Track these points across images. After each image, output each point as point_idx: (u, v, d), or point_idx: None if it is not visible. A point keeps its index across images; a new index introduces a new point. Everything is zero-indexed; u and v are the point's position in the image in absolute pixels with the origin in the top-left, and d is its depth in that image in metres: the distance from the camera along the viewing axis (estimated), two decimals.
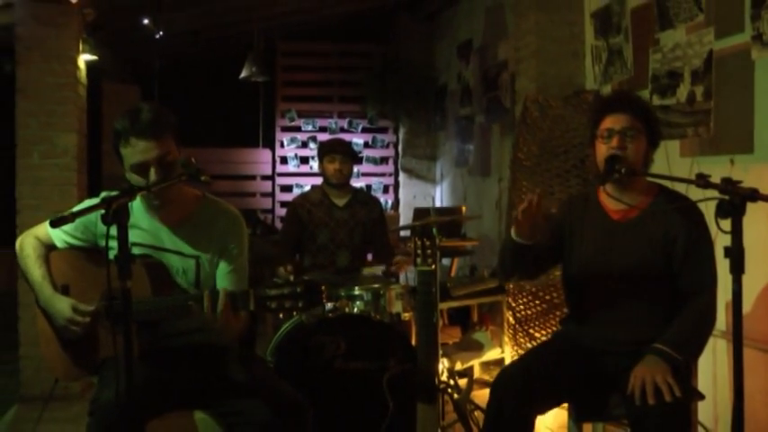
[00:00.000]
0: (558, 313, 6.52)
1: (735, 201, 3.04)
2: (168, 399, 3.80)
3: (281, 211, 12.52)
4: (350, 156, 6.66)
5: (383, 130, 13.17)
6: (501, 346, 7.42)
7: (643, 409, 3.52)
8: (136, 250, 3.80)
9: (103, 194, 3.57)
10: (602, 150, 3.94)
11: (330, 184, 6.63)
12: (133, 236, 3.77)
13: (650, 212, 3.95)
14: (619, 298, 3.98)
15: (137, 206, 3.89)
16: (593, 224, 4.11)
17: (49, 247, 3.98)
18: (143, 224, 3.90)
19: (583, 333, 4.10)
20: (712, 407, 5.48)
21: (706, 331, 3.87)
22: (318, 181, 6.85)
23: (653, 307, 3.94)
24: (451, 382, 5.29)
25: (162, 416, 3.78)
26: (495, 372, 6.26)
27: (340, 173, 6.55)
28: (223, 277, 3.95)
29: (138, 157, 3.67)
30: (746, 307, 5.05)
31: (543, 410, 3.96)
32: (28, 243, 3.97)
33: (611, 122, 3.94)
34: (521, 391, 3.77)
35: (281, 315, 4.92)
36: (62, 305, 3.75)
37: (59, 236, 3.94)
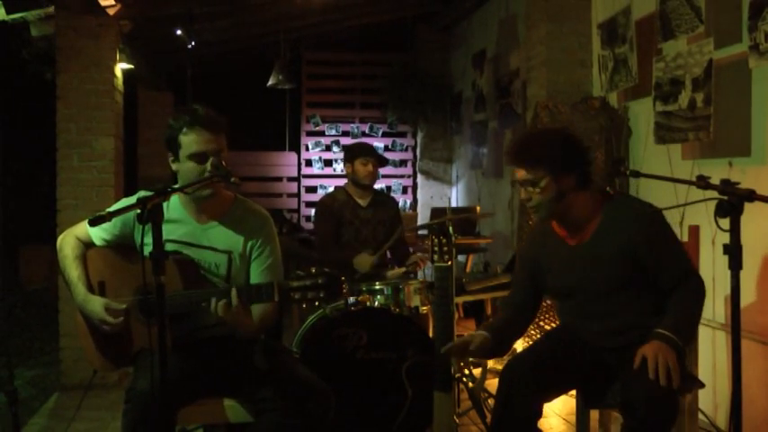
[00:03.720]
0: None
1: (733, 201, 3.04)
2: (199, 387, 3.83)
3: (306, 211, 12.59)
4: (380, 159, 6.67)
5: (402, 135, 13.17)
6: None
7: (635, 395, 3.49)
8: (171, 246, 3.85)
9: (141, 193, 3.60)
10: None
11: (357, 185, 6.62)
12: (169, 232, 3.85)
13: (600, 231, 3.89)
14: (602, 313, 3.93)
15: (174, 204, 3.95)
16: (555, 253, 4.06)
17: (87, 245, 4.01)
18: (179, 221, 3.94)
19: (582, 331, 4.09)
20: (712, 395, 5.47)
21: (697, 311, 3.80)
22: (341, 182, 6.84)
23: (638, 308, 3.87)
24: (466, 371, 5.30)
25: (193, 403, 3.80)
26: None
27: (372, 175, 6.56)
28: (258, 275, 4.00)
29: (200, 146, 3.76)
30: (744, 301, 5.04)
31: (550, 397, 3.95)
32: (67, 243, 4.00)
33: (516, 174, 3.91)
34: (529, 378, 3.77)
35: (303, 305, 4.95)
36: (95, 306, 3.78)
37: (98, 234, 3.97)
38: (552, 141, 3.90)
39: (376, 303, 5.53)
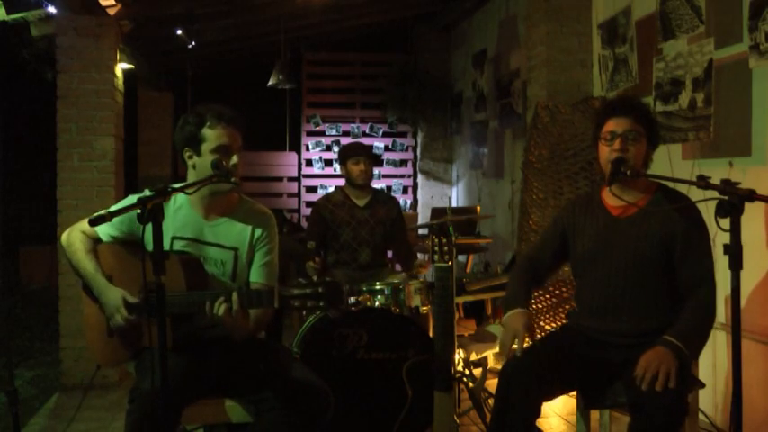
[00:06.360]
0: (567, 306, 6.53)
1: (733, 201, 3.04)
2: (201, 387, 3.82)
3: (307, 211, 12.54)
4: (372, 158, 6.66)
5: (402, 135, 13.19)
6: None
7: (642, 395, 3.49)
8: (179, 243, 3.92)
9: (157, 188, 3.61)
10: (605, 152, 3.94)
11: (353, 185, 6.62)
12: (177, 229, 3.93)
13: (649, 210, 3.95)
14: (620, 290, 3.95)
15: (182, 201, 4.01)
16: (595, 220, 4.10)
17: (94, 241, 4.03)
18: (187, 218, 3.98)
19: (588, 325, 4.09)
20: (712, 395, 5.47)
21: (708, 326, 3.81)
22: (342, 182, 6.84)
23: (654, 299, 3.90)
24: (467, 371, 5.30)
25: (195, 403, 3.80)
26: None
27: (365, 174, 6.55)
28: (256, 271, 4.05)
29: (226, 140, 3.86)
30: (744, 301, 5.04)
31: (550, 396, 3.95)
32: (76, 237, 4.01)
33: (613, 125, 3.93)
34: (528, 377, 3.76)
35: (303, 312, 4.98)
36: (115, 295, 3.79)
37: (105, 230, 3.99)
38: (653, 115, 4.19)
39: (376, 303, 5.53)
